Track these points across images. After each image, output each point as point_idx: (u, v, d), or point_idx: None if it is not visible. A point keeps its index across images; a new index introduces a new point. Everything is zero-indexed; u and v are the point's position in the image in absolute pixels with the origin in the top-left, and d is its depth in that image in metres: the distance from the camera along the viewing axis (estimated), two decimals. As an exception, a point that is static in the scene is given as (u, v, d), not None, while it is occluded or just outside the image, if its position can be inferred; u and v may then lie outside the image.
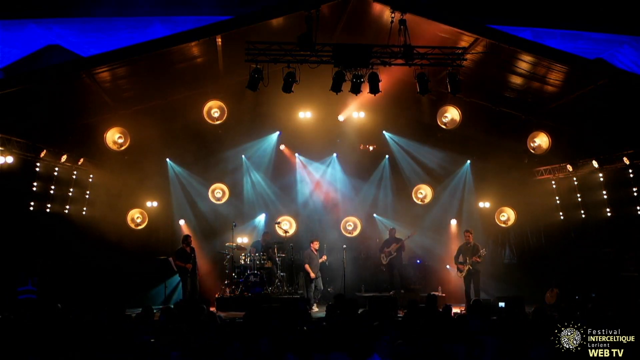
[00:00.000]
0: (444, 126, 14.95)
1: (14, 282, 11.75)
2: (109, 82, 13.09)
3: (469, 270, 13.91)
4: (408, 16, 11.51)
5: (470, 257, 13.91)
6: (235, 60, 12.63)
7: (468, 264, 13.90)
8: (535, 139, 14.71)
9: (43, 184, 13.35)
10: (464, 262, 14.01)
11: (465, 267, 13.96)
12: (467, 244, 14.14)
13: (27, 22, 14.90)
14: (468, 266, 13.90)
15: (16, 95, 11.36)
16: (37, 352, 6.51)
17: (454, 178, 16.65)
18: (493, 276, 15.31)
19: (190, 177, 16.04)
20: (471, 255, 13.91)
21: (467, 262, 13.92)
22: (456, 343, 6.59)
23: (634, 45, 16.03)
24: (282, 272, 14.80)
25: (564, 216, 15.45)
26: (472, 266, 13.88)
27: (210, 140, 15.46)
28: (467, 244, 14.17)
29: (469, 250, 14.04)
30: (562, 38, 15.91)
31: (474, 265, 13.88)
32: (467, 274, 13.95)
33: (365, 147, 16.62)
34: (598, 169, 13.82)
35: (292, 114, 15.73)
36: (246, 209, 16.48)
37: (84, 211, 14.80)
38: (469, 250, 14.04)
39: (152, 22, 15.08)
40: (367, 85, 11.93)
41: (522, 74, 13.36)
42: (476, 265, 13.90)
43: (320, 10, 11.24)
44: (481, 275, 14.16)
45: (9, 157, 11.63)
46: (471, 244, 14.10)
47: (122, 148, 14.20)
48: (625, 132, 12.81)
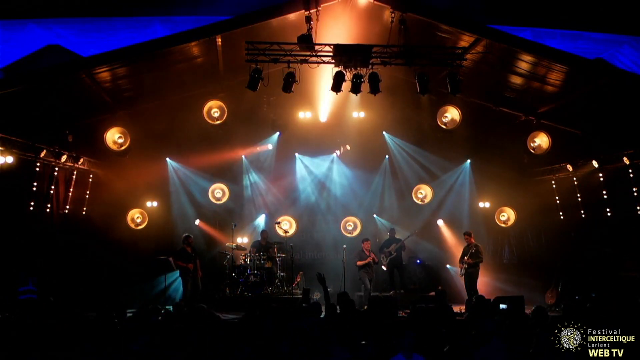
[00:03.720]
0: (444, 126, 14.96)
1: (14, 282, 11.74)
2: (109, 82, 13.10)
3: (466, 270, 14.01)
4: (408, 16, 11.52)
5: (468, 258, 14.00)
6: (235, 60, 12.66)
7: (464, 264, 14.01)
8: (535, 139, 14.72)
9: (43, 184, 13.33)
10: (462, 263, 14.12)
11: (462, 267, 14.11)
12: (469, 246, 14.22)
13: (27, 22, 14.86)
14: (464, 266, 14.02)
15: (16, 95, 11.37)
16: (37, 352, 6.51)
17: (454, 178, 16.64)
18: (493, 276, 15.31)
19: (190, 177, 16.04)
20: (468, 257, 14.01)
21: (464, 262, 14.05)
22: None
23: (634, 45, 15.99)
24: (282, 272, 14.80)
25: (564, 216, 15.44)
26: (469, 266, 13.95)
27: (210, 141, 15.44)
28: (468, 246, 14.25)
29: (468, 252, 14.13)
30: (562, 38, 15.87)
31: (471, 266, 13.95)
32: (465, 274, 14.05)
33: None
34: (598, 169, 13.80)
35: (292, 114, 15.74)
36: (246, 209, 16.47)
37: (84, 211, 14.80)
38: (468, 252, 14.12)
39: (152, 22, 15.04)
40: (367, 85, 11.94)
41: (522, 74, 13.37)
42: (473, 266, 13.94)
43: (320, 10, 11.25)
44: (481, 276, 14.20)
45: (8, 157, 11.61)
46: (472, 245, 14.15)
47: (122, 148, 14.21)
48: (625, 132, 12.80)
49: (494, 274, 15.40)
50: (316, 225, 16.55)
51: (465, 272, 14.02)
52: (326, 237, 16.10)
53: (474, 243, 14.20)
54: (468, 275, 13.98)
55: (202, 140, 15.39)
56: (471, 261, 13.93)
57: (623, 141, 12.95)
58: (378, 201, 16.77)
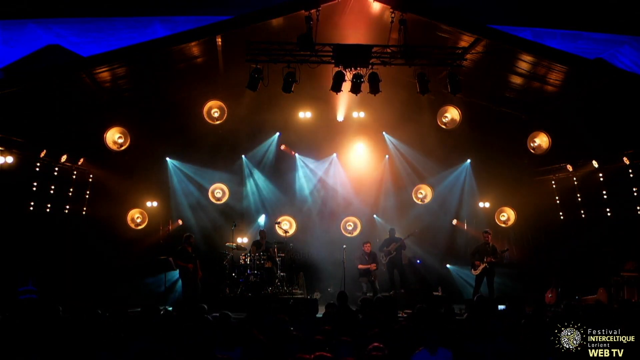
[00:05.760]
0: (444, 126, 14.96)
1: (14, 282, 11.75)
2: (109, 82, 13.10)
3: (484, 269, 13.95)
4: (408, 16, 11.52)
5: (488, 256, 13.97)
6: (235, 60, 12.67)
7: (485, 262, 13.94)
8: (535, 139, 14.72)
9: (43, 184, 13.33)
10: (481, 261, 14.04)
11: (481, 265, 14.00)
12: (486, 244, 14.21)
13: (27, 22, 14.87)
14: (484, 265, 13.93)
15: (16, 95, 11.38)
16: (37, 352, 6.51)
17: (454, 178, 16.63)
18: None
19: (190, 177, 16.03)
20: (490, 255, 13.99)
21: (484, 261, 13.96)
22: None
23: (634, 45, 15.99)
24: (282, 272, 14.79)
25: (564, 216, 15.44)
26: (489, 265, 13.92)
27: (211, 140, 15.44)
28: (485, 244, 14.23)
29: (487, 250, 14.11)
30: (562, 38, 15.88)
31: (490, 265, 13.93)
32: (482, 272, 14.01)
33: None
34: (598, 169, 13.81)
35: (292, 114, 15.74)
36: (246, 209, 16.46)
37: (84, 211, 14.80)
38: (486, 250, 14.10)
39: (152, 22, 15.05)
40: (367, 85, 11.94)
41: (522, 74, 13.37)
42: (492, 265, 13.96)
43: (320, 10, 11.25)
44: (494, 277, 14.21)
45: (8, 157, 11.63)
46: (490, 244, 14.17)
47: (122, 148, 14.22)
48: (625, 132, 12.81)
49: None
50: (316, 225, 16.53)
51: (488, 270, 13.93)
52: (326, 237, 16.08)
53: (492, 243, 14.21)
54: (489, 273, 13.94)
55: (202, 140, 15.39)
56: (493, 260, 13.93)
57: (623, 141, 12.96)
58: (378, 201, 16.76)
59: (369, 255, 14.73)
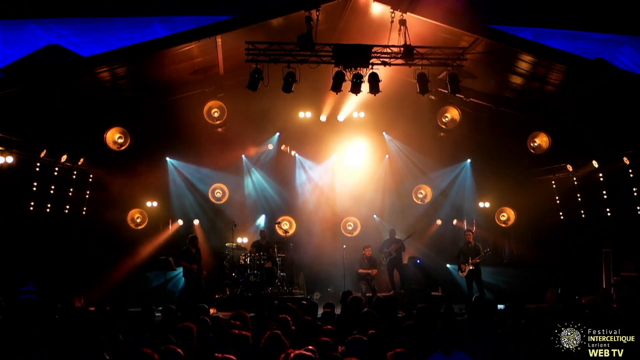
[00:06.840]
0: (444, 126, 14.97)
1: (14, 282, 11.74)
2: (109, 82, 13.10)
3: (471, 271, 13.90)
4: (408, 16, 11.53)
5: (473, 257, 13.89)
6: (235, 60, 12.66)
7: (470, 264, 13.89)
8: (535, 139, 14.73)
9: (43, 184, 13.34)
10: (466, 263, 13.99)
11: (467, 267, 13.95)
12: (468, 244, 14.14)
13: (27, 22, 14.85)
14: (470, 266, 13.89)
15: (16, 95, 11.38)
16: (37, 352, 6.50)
17: (453, 178, 16.64)
18: (493, 276, 15.30)
19: (190, 177, 16.03)
20: (473, 256, 13.90)
21: (469, 263, 13.91)
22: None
23: (634, 45, 15.99)
24: (282, 272, 14.79)
25: (564, 216, 15.44)
26: (474, 266, 13.88)
27: (210, 141, 15.44)
28: (467, 244, 14.18)
29: (471, 250, 14.04)
30: (562, 38, 15.87)
31: (476, 265, 13.89)
32: (469, 274, 13.95)
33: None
34: (598, 169, 13.81)
35: (292, 114, 15.74)
36: (246, 209, 16.45)
37: (83, 211, 14.80)
38: (470, 251, 14.04)
39: (152, 22, 15.04)
40: (367, 85, 11.94)
41: (522, 74, 13.38)
42: (478, 265, 13.91)
43: (320, 10, 11.25)
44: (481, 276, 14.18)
45: (9, 157, 11.62)
46: (472, 244, 14.10)
47: (122, 148, 14.21)
48: (625, 132, 12.81)
49: (494, 274, 15.39)
50: (316, 225, 16.53)
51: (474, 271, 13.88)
52: (326, 237, 16.09)
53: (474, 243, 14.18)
54: (476, 273, 13.89)
55: (202, 140, 15.39)
56: (478, 260, 13.89)
57: (623, 141, 12.96)
58: (378, 201, 16.76)
59: (369, 259, 14.73)
